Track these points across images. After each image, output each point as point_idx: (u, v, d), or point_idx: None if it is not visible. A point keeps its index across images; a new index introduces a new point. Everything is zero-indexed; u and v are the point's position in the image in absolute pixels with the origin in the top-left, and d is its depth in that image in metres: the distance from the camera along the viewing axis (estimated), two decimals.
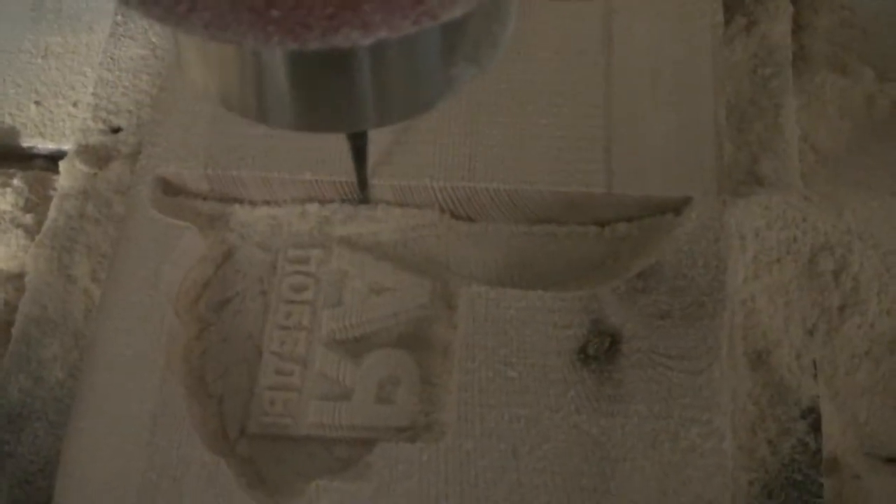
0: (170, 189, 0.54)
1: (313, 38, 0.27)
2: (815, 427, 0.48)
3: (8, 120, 0.62)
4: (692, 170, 0.51)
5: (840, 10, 0.63)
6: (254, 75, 0.34)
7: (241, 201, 0.54)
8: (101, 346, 0.49)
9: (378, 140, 0.53)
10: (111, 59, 0.60)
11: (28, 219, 0.57)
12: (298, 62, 0.32)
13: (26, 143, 0.62)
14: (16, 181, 0.59)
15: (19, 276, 0.56)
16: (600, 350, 0.47)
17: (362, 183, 0.50)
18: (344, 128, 0.40)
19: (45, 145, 0.62)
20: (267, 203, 0.54)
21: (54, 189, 0.58)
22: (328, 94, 0.34)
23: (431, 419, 0.48)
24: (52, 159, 0.60)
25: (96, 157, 0.57)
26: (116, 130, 0.58)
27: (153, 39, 0.61)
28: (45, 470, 0.49)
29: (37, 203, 0.58)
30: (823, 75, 0.60)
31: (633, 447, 0.45)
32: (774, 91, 0.57)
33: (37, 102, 0.62)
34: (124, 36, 0.61)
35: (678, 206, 0.51)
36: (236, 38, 0.27)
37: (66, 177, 0.56)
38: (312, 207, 0.54)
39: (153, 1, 0.26)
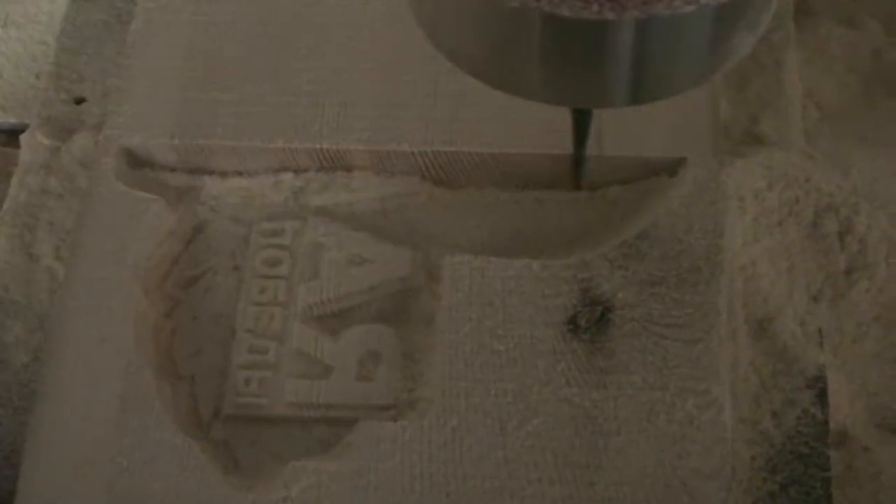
0: (135, 161, 0.53)
1: (633, 6, 0.26)
2: (822, 397, 0.47)
3: None
4: (687, 129, 0.50)
5: None
6: (507, 42, 0.31)
7: (211, 173, 0.53)
8: (65, 327, 0.48)
9: (356, 103, 0.51)
10: (73, 25, 0.59)
11: None
12: (565, 30, 0.29)
13: None
14: None
15: None
16: (591, 320, 0.46)
17: (578, 160, 0.46)
18: (595, 103, 0.37)
19: (7, 120, 0.60)
20: (238, 174, 0.53)
21: (16, 165, 0.56)
22: (589, 67, 0.31)
23: (414, 396, 0.47)
24: (14, 134, 0.58)
25: (59, 129, 0.56)
26: (80, 101, 0.57)
27: (117, 4, 0.59)
28: (11, 458, 0.48)
29: None
30: (828, 28, 0.59)
31: (627, 420, 0.44)
32: (775, 46, 0.55)
33: None
34: (86, 1, 0.60)
35: (672, 168, 0.50)
36: (549, 7, 0.27)
37: (28, 151, 0.55)
38: (286, 177, 0.52)
39: None
